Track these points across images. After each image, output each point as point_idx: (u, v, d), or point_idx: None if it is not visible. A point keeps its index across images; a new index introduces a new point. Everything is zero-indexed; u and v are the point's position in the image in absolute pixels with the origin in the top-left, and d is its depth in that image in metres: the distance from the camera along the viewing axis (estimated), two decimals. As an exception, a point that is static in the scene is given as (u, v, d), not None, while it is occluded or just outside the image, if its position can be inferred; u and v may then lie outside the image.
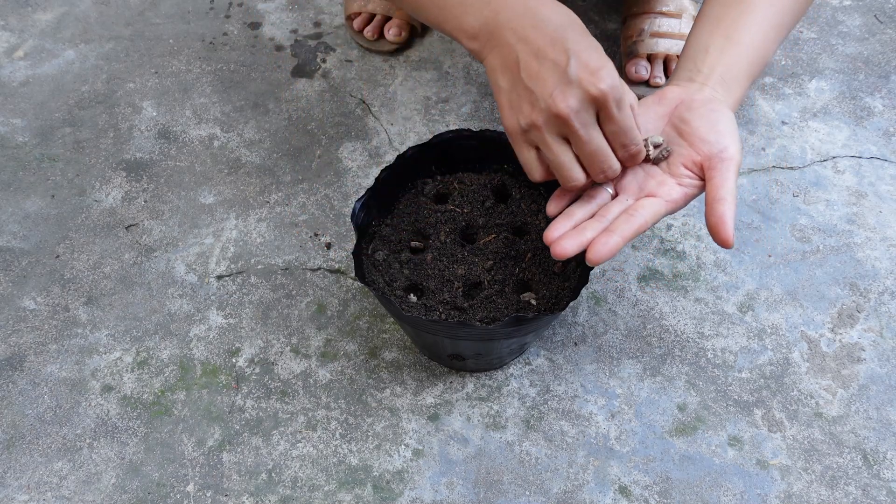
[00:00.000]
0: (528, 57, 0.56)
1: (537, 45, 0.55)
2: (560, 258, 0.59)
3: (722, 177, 0.59)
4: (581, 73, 0.54)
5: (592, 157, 0.57)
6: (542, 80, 0.55)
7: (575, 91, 0.54)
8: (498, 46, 0.57)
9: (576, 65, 0.54)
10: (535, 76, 0.55)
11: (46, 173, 0.94)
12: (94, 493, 0.72)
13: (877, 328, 0.80)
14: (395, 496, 0.71)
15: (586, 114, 0.55)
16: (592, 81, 0.54)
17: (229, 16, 1.10)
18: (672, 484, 0.72)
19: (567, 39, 0.55)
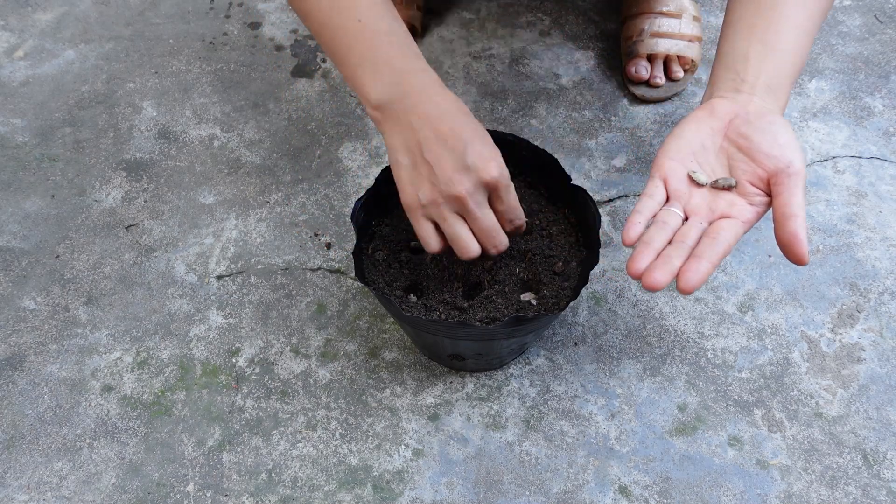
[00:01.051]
0: (431, 142, 0.62)
1: (440, 132, 0.61)
2: (652, 290, 0.58)
3: (790, 192, 0.59)
4: (476, 160, 0.61)
5: (486, 232, 0.64)
6: (442, 164, 0.61)
7: (471, 176, 0.61)
8: (400, 125, 0.63)
9: (472, 153, 0.61)
10: (436, 159, 0.61)
11: (46, 173, 0.94)
12: (94, 493, 0.72)
13: (877, 328, 0.80)
14: (395, 496, 0.71)
15: (479, 195, 0.62)
16: (486, 169, 0.61)
17: (229, 16, 1.10)
18: (672, 484, 0.72)
19: (464, 130, 0.62)
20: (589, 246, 0.73)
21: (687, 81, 0.98)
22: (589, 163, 0.93)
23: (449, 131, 0.61)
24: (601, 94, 1.00)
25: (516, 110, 0.98)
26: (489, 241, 0.64)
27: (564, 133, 0.96)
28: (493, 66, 1.03)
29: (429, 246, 0.65)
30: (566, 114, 0.98)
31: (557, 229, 0.75)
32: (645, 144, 0.95)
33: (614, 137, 0.95)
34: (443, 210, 0.63)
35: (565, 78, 1.01)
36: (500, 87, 1.00)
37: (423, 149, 0.62)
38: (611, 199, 0.90)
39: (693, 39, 0.97)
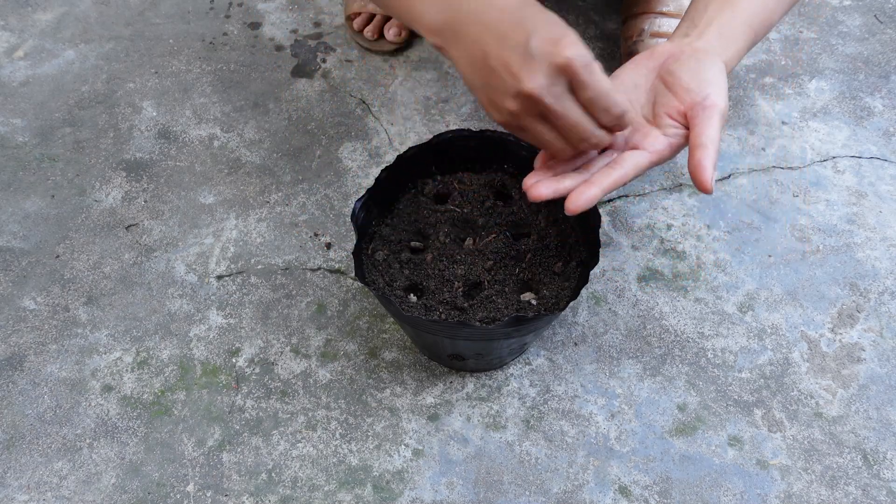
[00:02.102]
0: (493, 46, 0.54)
1: (500, 31, 0.54)
2: (535, 200, 0.59)
3: (703, 124, 0.58)
4: (543, 46, 0.53)
5: (571, 129, 0.56)
6: (507, 65, 0.54)
7: (539, 66, 0.53)
8: (463, 41, 0.57)
9: (537, 40, 0.53)
10: (502, 63, 0.54)
11: (46, 173, 0.94)
12: (94, 493, 0.72)
13: (877, 328, 0.80)
14: (395, 496, 0.71)
15: (557, 87, 0.54)
16: (555, 52, 0.52)
17: (229, 16, 1.10)
18: (672, 484, 0.72)
19: (525, 18, 0.54)
20: (589, 246, 0.73)
21: (687, 81, 0.98)
22: (589, 163, 0.93)
23: (510, 28, 0.54)
24: (601, 94, 1.00)
25: (516, 110, 0.98)
26: (578, 138, 0.56)
27: (564, 133, 0.96)
28: (493, 66, 1.03)
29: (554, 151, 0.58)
30: (566, 114, 0.98)
31: (557, 229, 0.75)
32: (645, 144, 0.94)
33: (614, 137, 0.95)
34: (524, 120, 0.56)
35: (565, 78, 1.01)
36: (500, 87, 1.00)
37: (488, 57, 0.55)
38: (611, 199, 0.90)
39: (693, 39, 0.96)
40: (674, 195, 0.90)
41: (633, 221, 0.88)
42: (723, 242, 0.87)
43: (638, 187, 0.91)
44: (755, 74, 1.01)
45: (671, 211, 0.89)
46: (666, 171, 0.92)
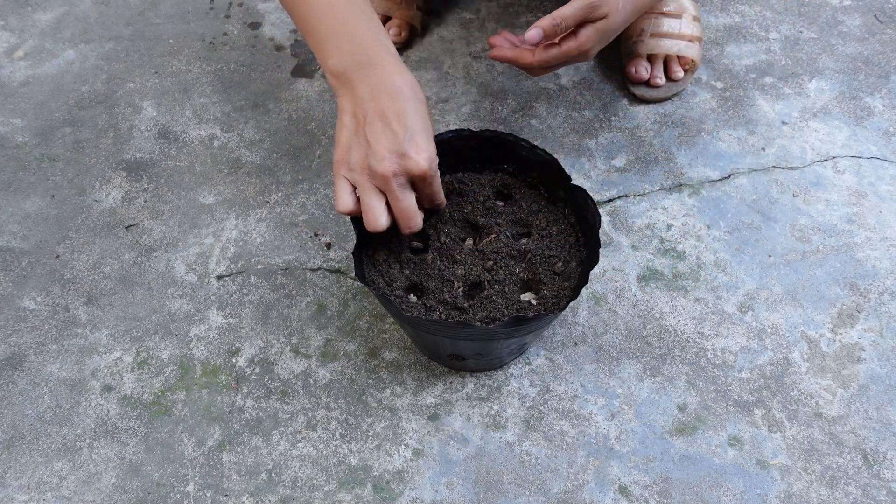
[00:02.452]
0: (375, 117, 0.64)
1: (386, 111, 0.64)
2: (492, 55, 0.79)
3: None
4: (411, 149, 0.64)
5: (403, 212, 0.66)
6: (379, 141, 0.64)
7: (402, 162, 0.64)
8: (353, 93, 0.66)
9: (409, 142, 0.64)
10: (376, 136, 0.64)
11: (46, 173, 0.94)
12: (94, 493, 0.72)
13: (877, 328, 0.80)
14: (395, 496, 0.71)
15: (404, 179, 0.65)
16: (417, 161, 0.64)
17: (229, 16, 1.10)
18: (672, 484, 0.72)
19: (409, 116, 0.64)
20: (589, 246, 0.73)
21: (687, 81, 0.98)
22: (589, 163, 0.93)
23: (395, 113, 0.64)
24: (601, 94, 1.00)
25: (516, 110, 0.98)
26: (404, 221, 0.67)
27: (564, 133, 0.96)
28: (493, 66, 1.03)
29: (339, 203, 0.67)
30: (566, 114, 0.98)
31: (557, 229, 0.75)
32: (645, 144, 0.95)
33: (614, 137, 0.95)
34: (365, 179, 0.65)
35: (565, 78, 1.01)
36: (500, 87, 1.00)
37: (367, 121, 0.64)
38: (611, 199, 0.90)
39: (693, 39, 0.97)
40: (674, 195, 0.90)
41: (633, 221, 0.88)
42: (723, 242, 0.87)
43: (638, 187, 0.91)
44: (755, 74, 1.01)
45: (671, 211, 0.89)
46: (666, 171, 0.92)
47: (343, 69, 0.67)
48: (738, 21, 1.07)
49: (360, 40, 0.67)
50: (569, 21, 0.73)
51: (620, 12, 0.75)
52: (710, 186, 0.91)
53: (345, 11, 0.68)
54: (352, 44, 0.67)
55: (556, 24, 0.73)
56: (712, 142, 0.95)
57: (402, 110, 0.64)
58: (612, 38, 0.77)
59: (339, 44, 0.67)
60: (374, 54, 0.66)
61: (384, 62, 0.66)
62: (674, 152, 0.94)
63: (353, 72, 0.66)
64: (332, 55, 0.67)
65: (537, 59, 0.76)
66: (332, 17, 0.67)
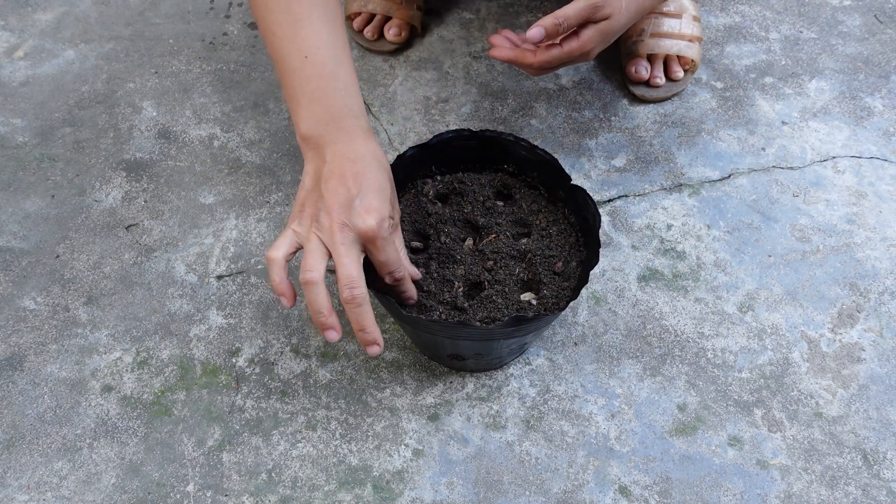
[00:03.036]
0: (334, 176, 0.64)
1: (344, 171, 0.64)
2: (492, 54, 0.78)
3: None
4: (360, 209, 0.63)
5: (339, 272, 0.63)
6: (331, 197, 0.63)
7: (350, 217, 0.63)
8: (317, 156, 0.67)
9: (361, 199, 0.63)
10: (330, 192, 0.64)
11: (46, 173, 0.94)
12: (94, 493, 0.72)
13: (877, 328, 0.80)
14: (395, 496, 0.71)
15: (349, 239, 0.63)
16: (365, 219, 0.62)
17: (229, 16, 1.10)
18: (672, 484, 0.72)
19: (365, 177, 0.64)
20: (589, 246, 0.73)
21: (687, 81, 0.98)
22: (589, 163, 0.93)
23: (353, 174, 0.64)
24: (601, 94, 1.00)
25: (516, 110, 0.98)
26: (340, 281, 0.63)
27: (564, 133, 0.96)
28: (493, 66, 1.03)
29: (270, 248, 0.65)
30: (566, 114, 0.98)
31: (557, 229, 0.75)
32: (645, 144, 0.95)
33: (614, 137, 0.95)
34: (311, 231, 0.64)
35: (565, 78, 1.01)
36: (500, 87, 1.00)
37: (323, 179, 0.65)
38: (611, 199, 0.90)
39: (693, 39, 0.97)
40: (674, 195, 0.90)
41: (633, 221, 0.88)
42: (723, 242, 0.87)
43: (638, 187, 0.91)
44: (755, 74, 1.01)
45: (671, 211, 0.89)
46: (666, 171, 0.92)
47: (312, 134, 0.67)
48: (738, 21, 1.07)
49: (332, 106, 0.68)
50: (571, 21, 0.73)
51: (623, 13, 0.74)
52: (710, 186, 0.91)
53: (324, 81, 0.68)
54: (324, 111, 0.67)
55: (558, 24, 0.72)
56: (712, 142, 0.95)
57: (360, 172, 0.64)
58: (613, 40, 0.77)
59: (312, 109, 0.67)
60: (344, 124, 0.67)
61: (353, 132, 0.67)
62: (674, 152, 0.94)
63: (319, 137, 0.67)
64: (304, 119, 0.68)
65: (538, 59, 0.76)
66: (311, 83, 0.68)
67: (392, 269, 0.66)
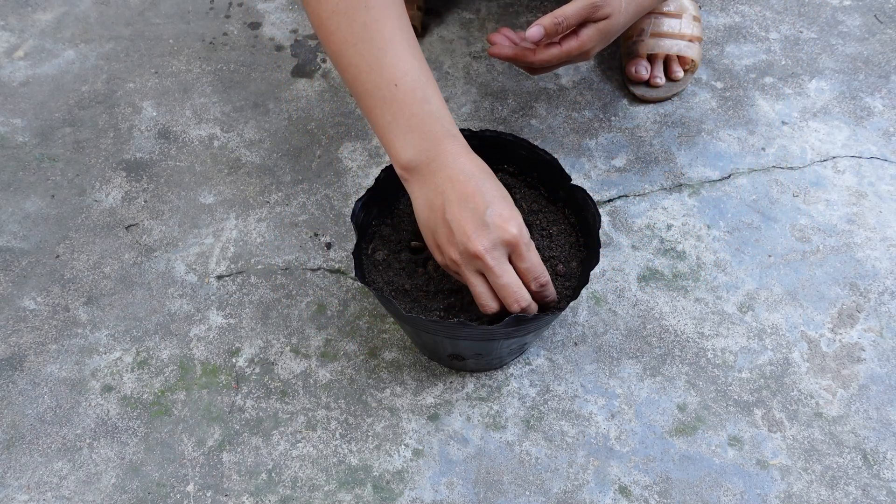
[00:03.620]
0: (453, 203, 0.63)
1: (463, 193, 0.63)
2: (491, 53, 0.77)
3: None
4: (495, 219, 0.62)
5: (504, 288, 0.64)
6: (461, 223, 0.63)
7: (490, 234, 0.62)
8: (426, 186, 0.65)
9: (491, 213, 0.62)
10: (457, 219, 0.63)
11: (46, 173, 0.94)
12: (94, 493, 0.72)
13: (877, 328, 0.80)
14: (395, 496, 0.71)
15: (498, 252, 0.63)
16: (505, 227, 0.62)
17: (229, 16, 1.10)
18: (672, 484, 0.72)
19: (485, 191, 0.63)
20: (589, 246, 0.73)
21: (687, 81, 0.98)
22: (589, 163, 0.93)
23: (472, 192, 0.63)
24: (601, 94, 1.00)
25: (516, 110, 0.98)
26: (508, 296, 0.64)
27: (564, 133, 0.96)
28: (493, 66, 1.03)
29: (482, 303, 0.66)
30: (566, 114, 0.98)
31: (557, 229, 0.75)
32: (645, 144, 0.95)
33: (614, 137, 0.95)
34: (464, 270, 0.64)
35: (565, 78, 1.01)
36: (500, 87, 1.00)
37: (445, 209, 0.63)
38: (611, 199, 0.90)
39: (693, 39, 0.97)
40: (674, 195, 0.90)
41: (633, 221, 0.88)
42: (723, 242, 0.87)
43: (638, 187, 0.91)
44: (755, 74, 1.01)
45: (671, 211, 0.89)
46: (666, 171, 0.92)
47: (416, 163, 0.65)
48: (738, 21, 1.07)
49: (430, 131, 0.66)
50: (571, 20, 0.73)
51: (623, 13, 0.74)
52: (710, 186, 0.91)
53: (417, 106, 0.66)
54: (422, 137, 0.65)
55: (557, 23, 0.72)
56: (712, 142, 0.95)
57: (477, 188, 0.63)
58: (613, 39, 0.77)
59: (410, 139, 0.65)
60: (445, 146, 0.65)
61: (455, 151, 0.65)
62: (674, 152, 0.94)
63: (425, 165, 0.65)
64: (403, 150, 0.66)
65: (538, 58, 0.76)
66: (403, 112, 0.66)
67: (537, 274, 0.65)
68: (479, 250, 0.62)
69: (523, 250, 0.64)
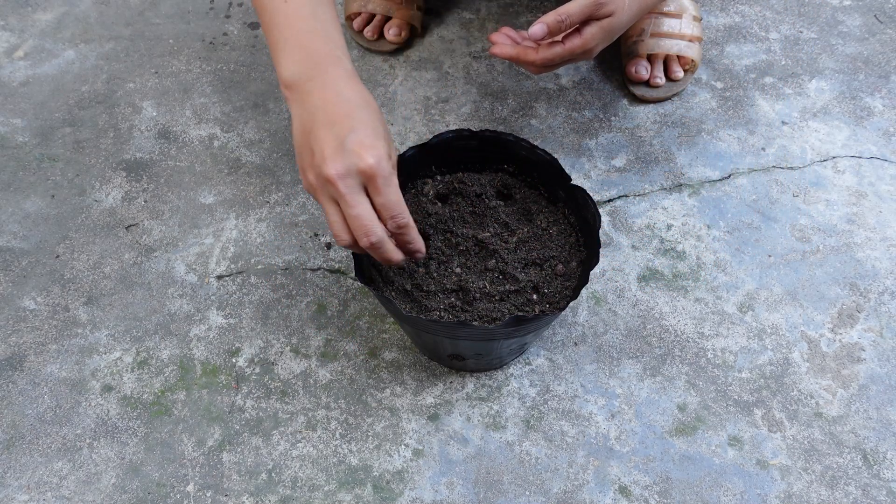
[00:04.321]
0: (320, 125, 0.62)
1: (332, 116, 0.62)
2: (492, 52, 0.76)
3: None
4: (354, 146, 0.60)
5: (354, 220, 0.61)
6: (322, 146, 0.61)
7: (345, 160, 0.60)
8: (302, 106, 0.64)
9: (352, 139, 0.60)
10: (319, 142, 0.61)
11: (46, 173, 0.94)
12: (94, 493, 0.72)
13: (877, 328, 0.80)
14: (395, 496, 0.71)
15: (352, 180, 0.60)
16: (361, 155, 0.60)
17: (229, 16, 1.10)
18: (672, 484, 0.72)
19: (354, 117, 0.62)
20: (589, 246, 0.73)
21: (687, 81, 0.98)
22: (589, 163, 0.93)
23: (340, 116, 0.62)
24: (601, 94, 1.00)
25: (516, 110, 0.98)
26: (357, 229, 0.61)
27: (564, 133, 0.96)
28: (493, 66, 1.03)
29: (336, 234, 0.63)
30: (566, 114, 0.98)
31: (557, 229, 0.75)
32: (645, 144, 0.95)
33: (614, 137, 0.95)
34: (320, 195, 0.62)
35: (565, 78, 1.01)
36: (500, 87, 1.00)
37: (312, 130, 0.62)
38: (611, 199, 0.90)
39: (693, 39, 0.97)
40: (674, 195, 0.90)
41: (633, 221, 0.88)
42: (723, 242, 0.87)
43: (638, 187, 0.91)
44: (755, 74, 1.01)
45: (671, 211, 0.89)
46: (666, 171, 0.92)
47: (294, 81, 0.65)
48: (738, 21, 1.07)
49: (314, 49, 0.65)
50: (574, 18, 0.72)
51: (626, 11, 0.74)
52: (710, 186, 0.91)
53: (304, 23, 0.66)
54: (305, 55, 0.65)
55: (560, 21, 0.72)
56: (712, 142, 0.95)
57: (347, 113, 0.62)
58: (616, 37, 0.77)
59: (293, 55, 0.65)
60: (326, 66, 0.64)
61: (336, 73, 0.64)
62: (674, 152, 0.94)
63: (305, 84, 0.64)
64: (285, 66, 0.65)
65: (540, 56, 0.76)
66: (291, 27, 0.66)
67: (394, 212, 0.62)
68: (332, 175, 0.60)
69: (380, 183, 0.60)
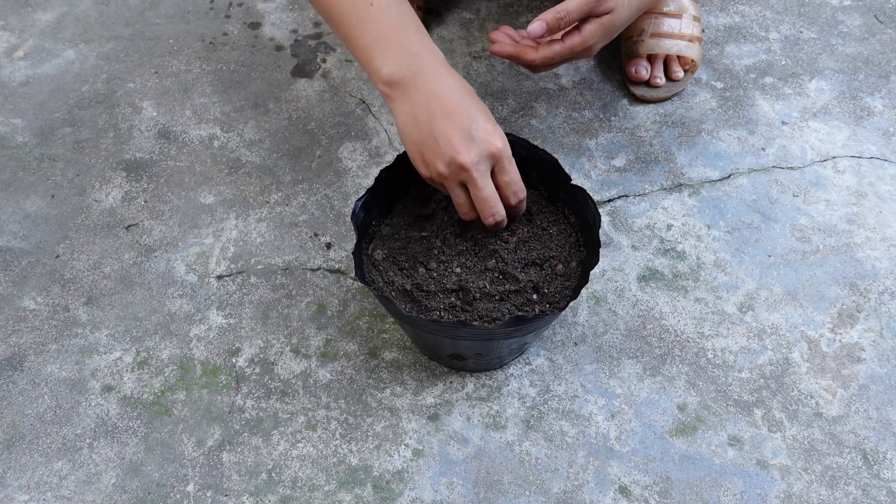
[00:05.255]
0: (438, 116, 0.66)
1: (447, 108, 0.66)
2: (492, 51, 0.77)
3: None
4: (480, 133, 0.66)
5: (484, 202, 0.67)
6: (449, 137, 0.65)
7: (476, 147, 0.66)
8: (410, 102, 0.68)
9: (477, 127, 0.66)
10: (444, 133, 0.66)
11: (46, 173, 0.94)
12: (94, 493, 0.72)
13: (877, 328, 0.80)
14: (395, 496, 0.71)
15: (483, 165, 0.66)
16: (490, 140, 0.66)
17: (229, 16, 1.10)
18: (672, 484, 0.72)
19: (469, 106, 0.67)
20: (589, 246, 0.73)
21: (687, 81, 0.98)
22: (589, 163, 0.93)
23: (455, 107, 0.66)
24: (601, 94, 1.00)
25: (516, 110, 0.98)
26: (486, 209, 0.68)
27: (564, 133, 0.96)
28: (493, 66, 1.03)
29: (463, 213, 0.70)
30: (566, 114, 0.98)
31: (557, 229, 0.75)
32: (645, 144, 0.95)
33: (614, 137, 0.95)
34: (450, 181, 0.67)
35: (565, 78, 1.01)
36: (500, 87, 1.00)
37: (431, 123, 0.66)
38: (611, 199, 0.90)
39: (693, 39, 0.97)
40: (674, 195, 0.90)
41: (633, 221, 0.88)
42: (723, 242, 0.87)
43: (638, 187, 0.91)
44: (755, 74, 1.01)
45: (671, 211, 0.89)
46: (666, 171, 0.92)
47: (398, 77, 0.68)
48: (738, 21, 1.07)
49: (409, 44, 0.68)
50: (573, 15, 0.72)
51: (625, 8, 0.74)
52: (710, 186, 0.91)
53: (395, 20, 0.69)
54: (404, 51, 0.68)
55: (559, 18, 0.72)
56: (712, 142, 0.95)
57: (460, 103, 0.66)
58: (615, 35, 0.77)
59: (391, 52, 0.68)
60: (425, 59, 0.68)
61: (435, 65, 0.68)
62: (674, 152, 0.94)
63: (408, 79, 0.67)
64: (385, 64, 0.68)
65: (540, 55, 0.76)
66: (382, 27, 0.68)
67: (517, 188, 0.69)
68: (467, 162, 0.65)
69: (506, 164, 0.67)
